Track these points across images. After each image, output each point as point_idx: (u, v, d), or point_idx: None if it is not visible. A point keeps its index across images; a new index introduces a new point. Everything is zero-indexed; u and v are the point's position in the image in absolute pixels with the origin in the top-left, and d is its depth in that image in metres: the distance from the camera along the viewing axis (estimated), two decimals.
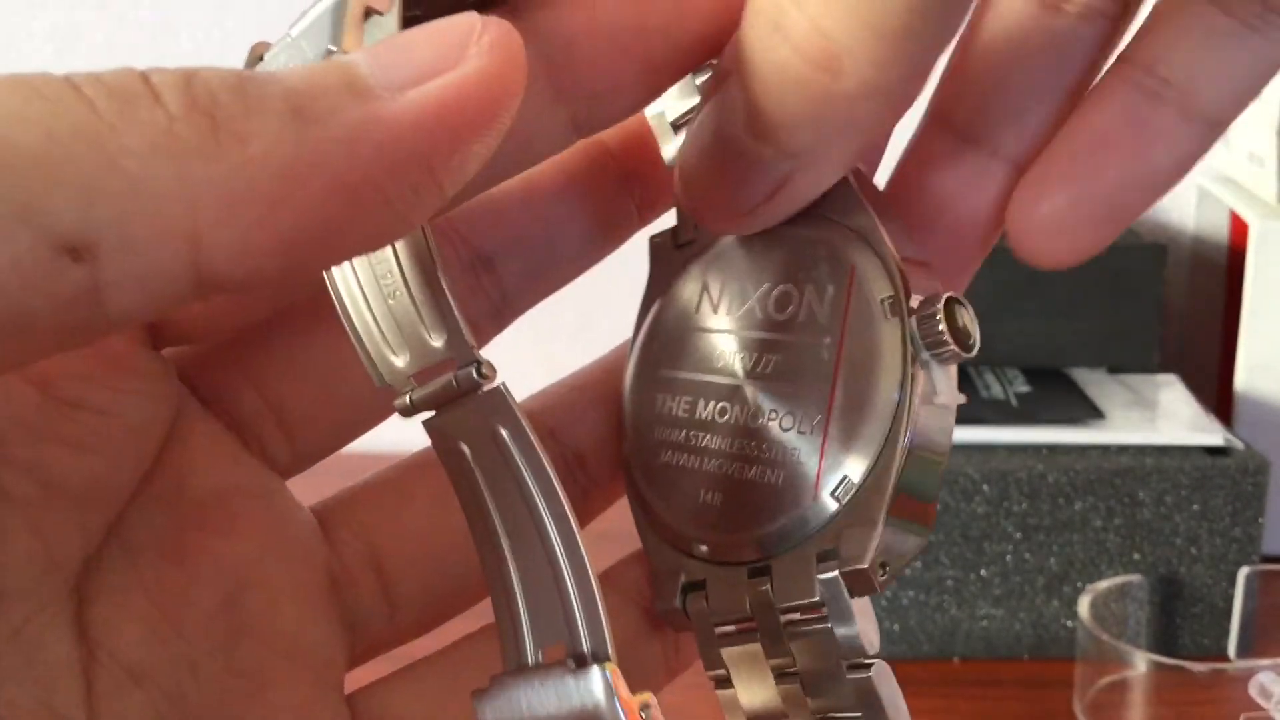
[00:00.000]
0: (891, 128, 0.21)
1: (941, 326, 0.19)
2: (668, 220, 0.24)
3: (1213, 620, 0.59)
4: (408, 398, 0.20)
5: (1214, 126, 0.22)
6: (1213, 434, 0.60)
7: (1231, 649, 0.59)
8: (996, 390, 0.65)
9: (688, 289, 0.23)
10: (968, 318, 0.20)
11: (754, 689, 0.21)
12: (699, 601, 0.21)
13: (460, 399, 0.20)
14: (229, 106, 0.15)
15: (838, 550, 0.20)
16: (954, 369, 0.20)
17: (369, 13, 0.18)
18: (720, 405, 0.21)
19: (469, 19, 0.17)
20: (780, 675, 0.21)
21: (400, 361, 0.20)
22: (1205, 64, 0.21)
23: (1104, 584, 0.57)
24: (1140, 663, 0.53)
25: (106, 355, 0.21)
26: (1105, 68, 0.22)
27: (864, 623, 0.20)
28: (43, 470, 0.20)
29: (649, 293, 0.24)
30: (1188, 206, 0.78)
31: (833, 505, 0.20)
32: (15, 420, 0.19)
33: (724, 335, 0.22)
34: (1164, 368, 0.69)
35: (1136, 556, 0.59)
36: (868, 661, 0.20)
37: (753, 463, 0.21)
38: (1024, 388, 0.65)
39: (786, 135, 0.19)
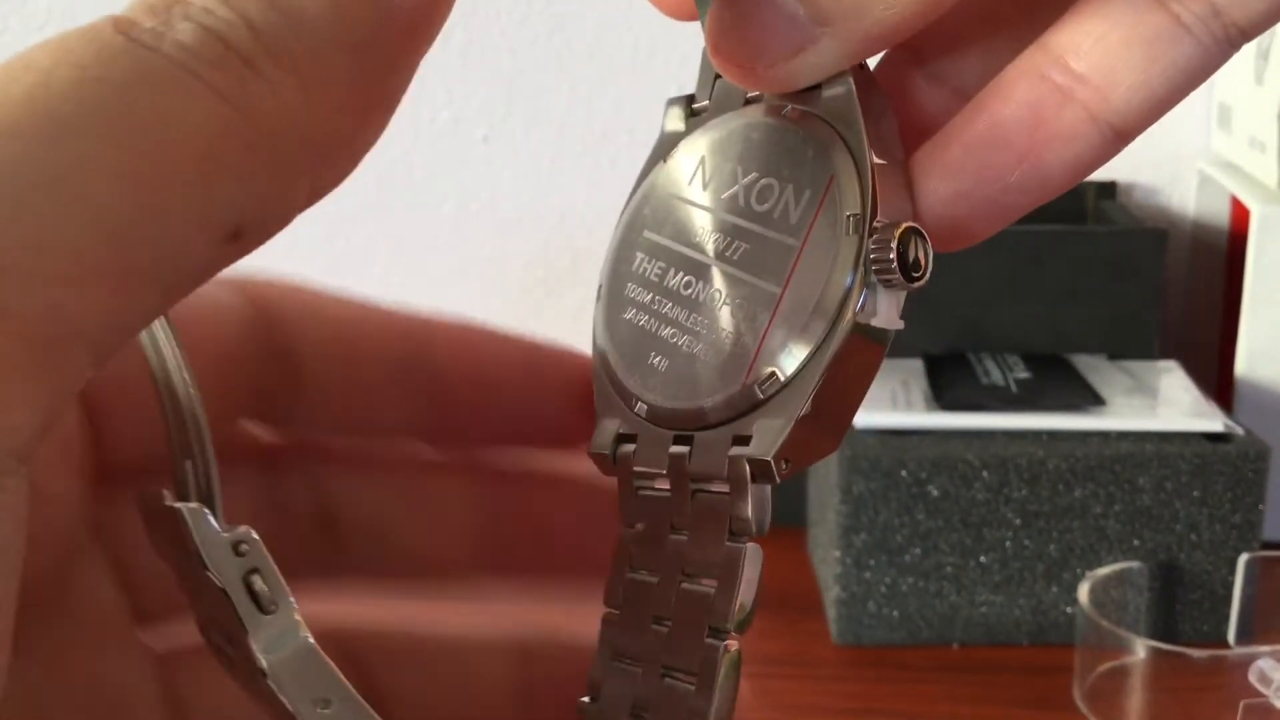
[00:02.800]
0: (931, 17, 0.20)
1: (891, 255, 0.20)
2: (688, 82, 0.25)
3: (1212, 607, 0.59)
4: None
5: (1120, 135, 0.21)
6: (1213, 420, 0.60)
7: (1231, 635, 0.59)
8: (997, 376, 0.65)
9: (686, 158, 0.24)
10: (922, 250, 0.20)
11: (649, 535, 0.23)
12: (627, 450, 0.23)
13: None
14: (303, 60, 0.16)
15: (750, 438, 0.21)
16: (900, 296, 0.21)
17: None
18: (686, 279, 0.23)
19: None
20: (674, 529, 0.22)
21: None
22: (1128, 63, 0.20)
23: (1104, 570, 0.57)
24: (1140, 649, 0.53)
25: (67, 451, 0.21)
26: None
27: (756, 507, 0.21)
28: None
29: (655, 152, 0.24)
30: (1188, 192, 0.78)
31: (758, 395, 0.21)
32: None
33: (705, 212, 0.23)
34: (1164, 354, 0.69)
35: (1136, 543, 0.59)
36: (745, 538, 0.22)
37: (700, 340, 0.22)
38: (1024, 374, 0.65)
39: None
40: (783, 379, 0.21)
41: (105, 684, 0.23)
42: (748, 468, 0.21)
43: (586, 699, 0.23)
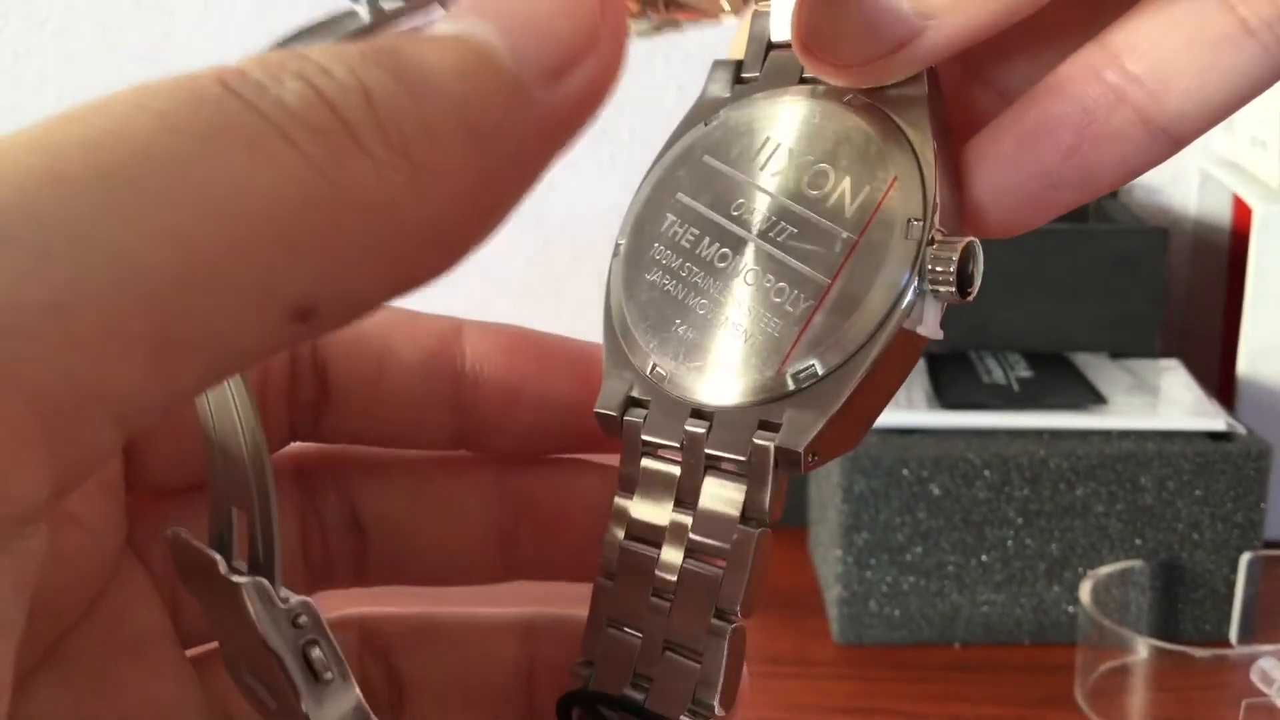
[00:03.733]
0: (1032, 8, 0.20)
1: (953, 267, 0.20)
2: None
3: (1214, 606, 0.59)
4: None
5: (1173, 142, 0.20)
6: (1215, 419, 0.60)
7: (1233, 635, 0.59)
8: (998, 375, 0.64)
9: (734, 126, 0.23)
10: (977, 266, 0.21)
11: (650, 506, 0.23)
12: (636, 415, 0.23)
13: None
14: (417, 140, 0.15)
15: (781, 426, 0.21)
16: (943, 306, 0.21)
17: None
18: (722, 250, 0.22)
19: None
20: (679, 504, 0.22)
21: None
22: (1186, 66, 0.19)
23: (1105, 569, 0.57)
24: (1141, 648, 0.53)
25: (103, 477, 0.21)
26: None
27: (775, 492, 0.21)
28: None
29: (693, 113, 0.24)
30: (1190, 190, 0.78)
31: (791, 385, 0.21)
32: None
33: (751, 186, 0.22)
34: (1166, 352, 0.69)
35: (1138, 542, 0.58)
36: (760, 525, 0.21)
37: (732, 316, 0.22)
38: (1026, 372, 0.65)
39: None
40: (820, 373, 0.21)
41: (151, 699, 0.23)
42: (773, 454, 0.21)
43: (582, 666, 0.23)
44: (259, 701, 0.21)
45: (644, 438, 0.22)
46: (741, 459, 0.21)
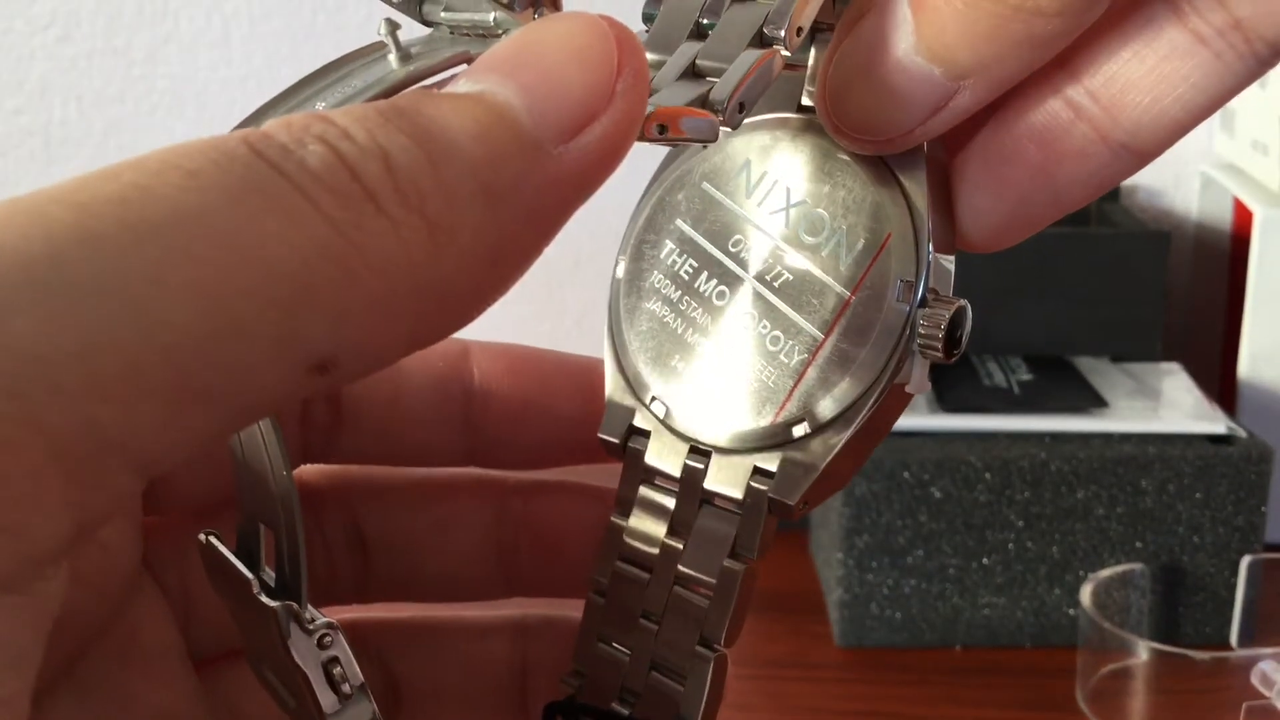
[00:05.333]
0: (1062, 47, 0.19)
1: (941, 332, 0.20)
2: None
3: (1215, 609, 0.59)
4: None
5: (1137, 156, 0.20)
6: (1215, 422, 0.60)
7: (1234, 638, 0.59)
8: (999, 378, 0.65)
9: (734, 156, 0.23)
10: (965, 329, 0.21)
11: (644, 531, 0.23)
12: (639, 444, 0.23)
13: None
14: (434, 199, 0.15)
15: (775, 475, 0.22)
16: (929, 365, 0.21)
17: None
18: (719, 289, 0.23)
19: (600, 29, 0.16)
20: (671, 531, 0.23)
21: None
22: (1138, 80, 0.19)
23: (1106, 572, 0.57)
24: (1142, 651, 0.53)
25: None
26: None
27: (766, 534, 0.22)
28: None
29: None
30: (1191, 194, 0.78)
31: (786, 435, 0.22)
32: None
33: (749, 224, 0.23)
34: (1167, 356, 0.69)
35: (1139, 545, 0.58)
36: (746, 560, 0.22)
37: (728, 357, 0.22)
38: (1027, 376, 0.65)
39: (961, 52, 0.19)
40: (811, 428, 0.21)
41: (163, 713, 0.23)
42: (767, 502, 0.22)
43: (573, 677, 0.24)
44: (279, 698, 0.22)
45: (646, 465, 0.23)
46: (737, 498, 0.22)
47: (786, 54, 0.19)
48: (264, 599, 0.21)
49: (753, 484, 0.22)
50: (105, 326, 0.13)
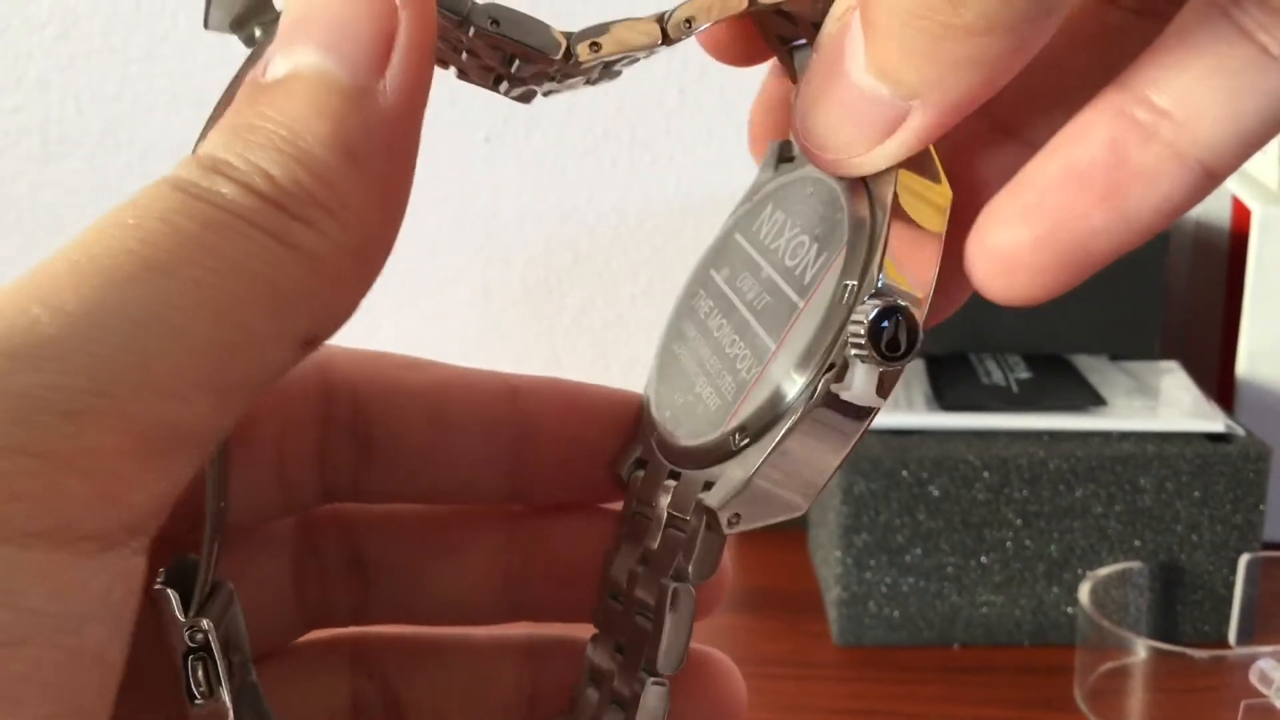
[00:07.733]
0: (1014, 71, 0.19)
1: (862, 330, 0.19)
2: None
3: (1213, 607, 0.59)
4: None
5: (1210, 175, 0.19)
6: (1214, 421, 0.60)
7: (1232, 636, 0.59)
8: (998, 376, 0.65)
9: (758, 204, 0.24)
10: (904, 331, 0.19)
11: (623, 562, 0.24)
12: (637, 474, 0.24)
13: None
14: (318, 188, 0.18)
15: (711, 487, 0.22)
16: (886, 373, 0.20)
17: None
18: (720, 321, 0.23)
19: None
20: (642, 559, 0.23)
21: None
22: (1215, 94, 0.19)
23: (1105, 571, 0.57)
24: (1141, 649, 0.53)
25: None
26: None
27: (704, 552, 0.22)
28: None
29: (745, 194, 0.25)
30: None
31: (731, 445, 0.21)
32: None
33: (754, 259, 0.23)
34: (1165, 354, 0.69)
35: (1137, 543, 0.59)
36: (684, 582, 0.22)
37: (710, 382, 0.23)
38: (1025, 374, 0.65)
39: (905, 71, 0.19)
40: (748, 437, 0.21)
41: None
42: (704, 516, 0.21)
43: (561, 718, 0.24)
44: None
45: (637, 494, 0.24)
46: (686, 518, 0.22)
47: None
48: (157, 585, 0.21)
49: (698, 498, 0.21)
50: (160, 348, 0.16)
